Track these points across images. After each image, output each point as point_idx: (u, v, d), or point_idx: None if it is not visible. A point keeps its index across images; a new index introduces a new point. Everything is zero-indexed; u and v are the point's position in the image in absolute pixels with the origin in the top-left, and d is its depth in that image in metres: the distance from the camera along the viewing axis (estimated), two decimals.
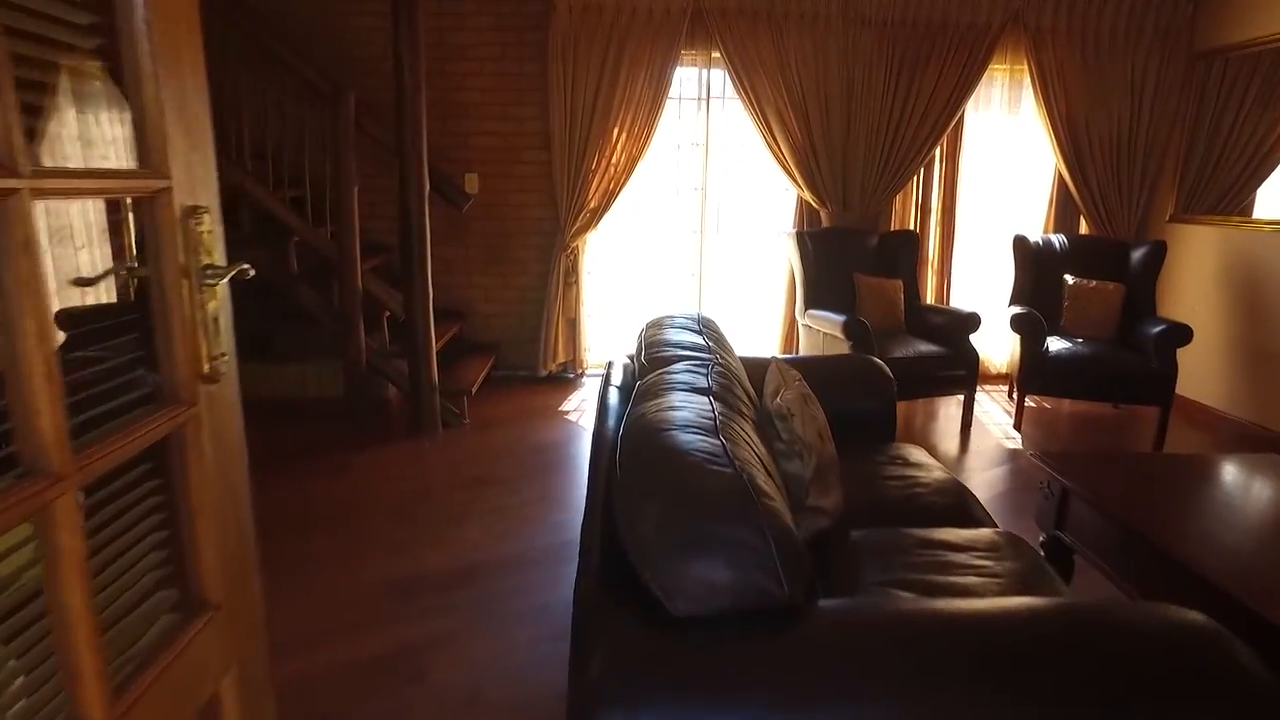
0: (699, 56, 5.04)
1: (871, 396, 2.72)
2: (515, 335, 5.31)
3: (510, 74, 5.00)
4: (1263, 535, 2.17)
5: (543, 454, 3.96)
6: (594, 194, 4.99)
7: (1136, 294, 4.69)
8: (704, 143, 5.15)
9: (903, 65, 4.89)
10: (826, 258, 4.81)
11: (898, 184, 5.07)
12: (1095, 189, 5.14)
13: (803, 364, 2.81)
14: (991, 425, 4.63)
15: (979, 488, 3.70)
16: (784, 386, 1.95)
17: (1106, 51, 4.97)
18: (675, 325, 2.41)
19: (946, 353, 4.37)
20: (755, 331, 5.53)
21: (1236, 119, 4.83)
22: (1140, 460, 2.65)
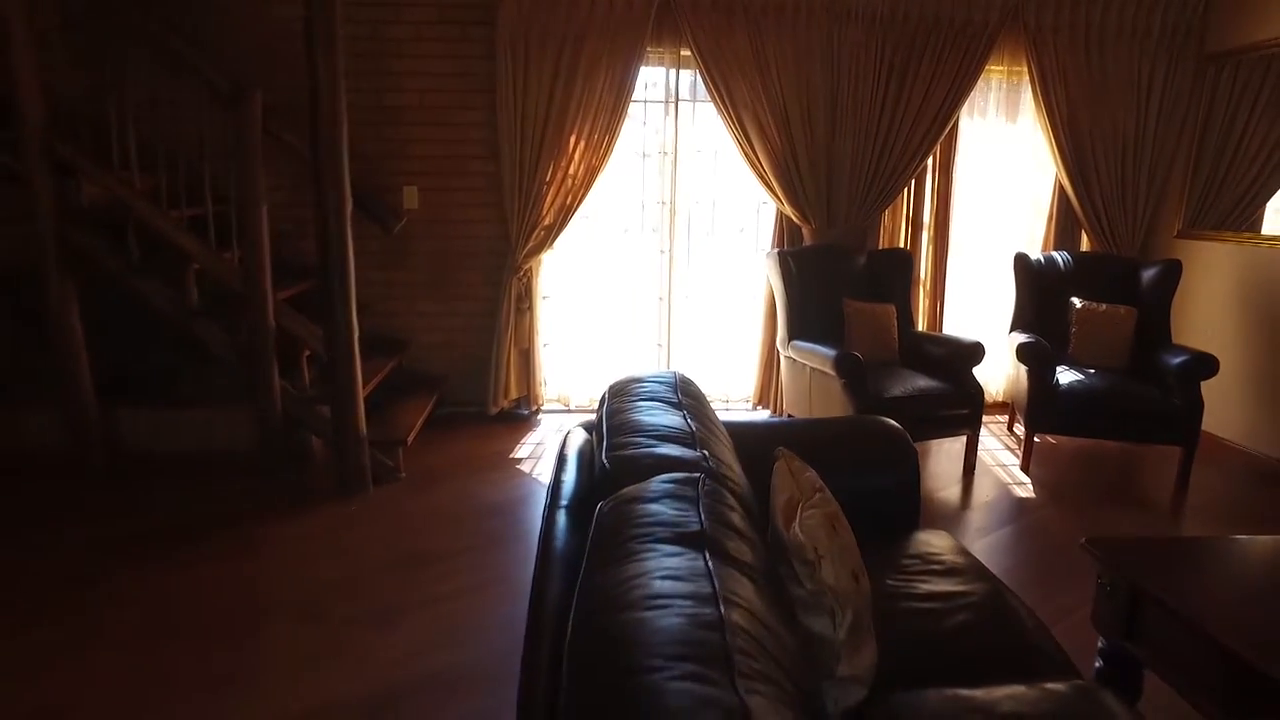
0: (667, 55, 4.50)
1: (888, 472, 2.19)
2: (462, 368, 4.71)
3: (454, 74, 4.42)
4: None
5: (490, 519, 3.38)
6: (549, 209, 4.43)
7: (1150, 318, 4.25)
8: (672, 152, 4.61)
9: (893, 66, 4.40)
10: (811, 280, 4.30)
11: (887, 197, 4.58)
12: (1099, 201, 4.70)
13: (802, 432, 2.28)
14: (996, 468, 4.15)
15: (994, 552, 3.20)
16: (800, 499, 1.41)
17: (1111, 52, 4.53)
18: (646, 395, 1.86)
19: (948, 389, 3.88)
20: (731, 364, 5.00)
21: (1247, 126, 4.44)
22: (1224, 549, 2.17)
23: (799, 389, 4.17)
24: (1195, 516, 3.66)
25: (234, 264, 3.45)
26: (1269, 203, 4.44)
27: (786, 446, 2.20)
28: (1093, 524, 3.49)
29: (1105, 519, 3.54)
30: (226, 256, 3.48)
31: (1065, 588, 2.91)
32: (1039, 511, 3.61)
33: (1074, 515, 3.58)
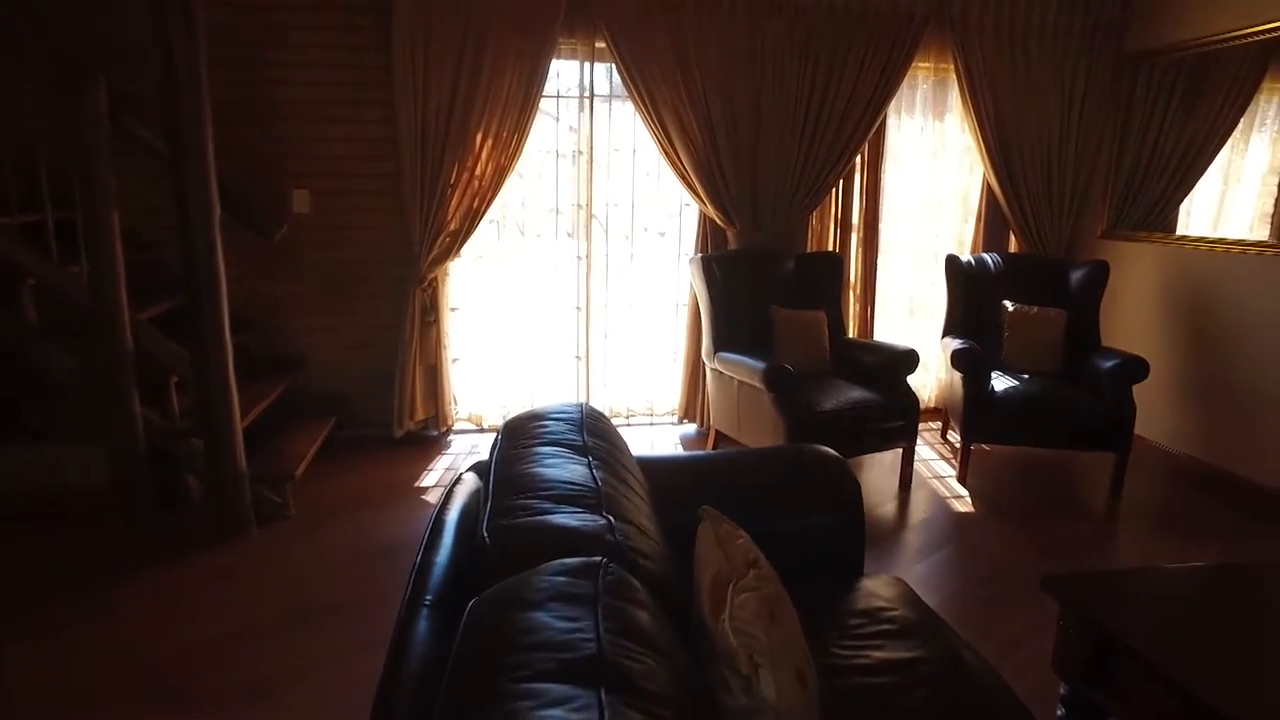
0: (580, 48, 4.20)
1: (829, 509, 1.94)
2: (364, 387, 4.31)
3: (346, 65, 4.02)
4: None
5: (390, 560, 3.01)
6: (454, 213, 4.07)
7: (1080, 321, 4.17)
8: (588, 151, 4.31)
9: (818, 61, 4.19)
10: (737, 286, 4.06)
11: (815, 197, 4.38)
12: (1026, 201, 4.61)
13: (730, 467, 2.01)
14: (933, 480, 3.99)
15: (936, 577, 3.01)
16: (731, 576, 1.14)
17: (1035, 50, 4.44)
18: (546, 438, 1.56)
19: (883, 400, 3.68)
20: (656, 376, 4.73)
21: (1163, 128, 4.42)
22: (1188, 581, 2.00)
23: (727, 402, 3.93)
24: (1132, 525, 3.56)
25: (82, 279, 3.00)
26: (1182, 205, 4.43)
27: (713, 483, 1.94)
28: (1033, 539, 3.34)
29: (1046, 533, 3.40)
30: (74, 271, 3.02)
31: (1012, 613, 2.74)
32: (979, 528, 3.45)
33: (1014, 530, 3.43)
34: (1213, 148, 4.25)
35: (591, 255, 4.41)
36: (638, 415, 4.74)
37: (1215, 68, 4.17)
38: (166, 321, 3.27)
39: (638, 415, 4.74)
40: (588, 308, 4.47)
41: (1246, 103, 4.11)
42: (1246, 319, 3.92)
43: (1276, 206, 4.05)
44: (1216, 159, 4.25)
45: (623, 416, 4.70)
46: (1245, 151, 4.20)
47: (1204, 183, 4.34)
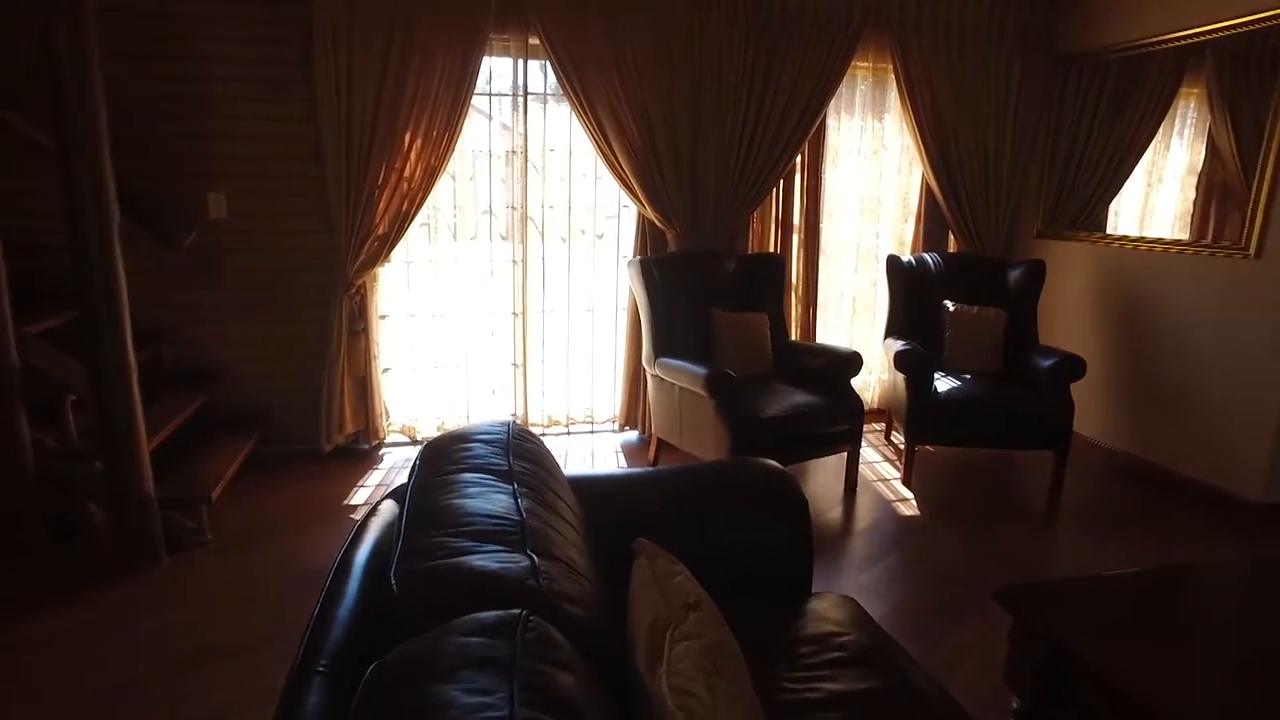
0: (514, 44, 4.05)
1: (776, 526, 1.84)
2: (289, 400, 4.08)
3: (265, 60, 3.79)
4: None
5: (315, 588, 2.81)
6: (383, 216, 3.88)
7: (1018, 320, 4.19)
8: (522, 151, 4.16)
9: (757, 60, 4.12)
10: (677, 290, 3.96)
11: (756, 198, 4.31)
12: (964, 201, 4.62)
13: (670, 484, 1.90)
14: (878, 483, 3.95)
15: (884, 585, 2.96)
16: (670, 621, 1.02)
17: (971, 50, 4.45)
18: (469, 462, 1.42)
19: (827, 404, 3.62)
20: (595, 383, 4.60)
21: (1092, 129, 4.48)
22: (1142, 587, 1.96)
23: (668, 410, 3.83)
24: (1073, 524, 3.57)
25: None
26: (1111, 205, 4.51)
27: (652, 503, 1.83)
28: (978, 542, 3.31)
29: (990, 535, 3.38)
30: None
31: (959, 621, 2.69)
32: (924, 532, 3.41)
33: (958, 533, 3.40)
34: (1138, 149, 4.33)
35: (527, 259, 4.26)
36: (578, 423, 4.60)
37: (1139, 72, 4.24)
38: (62, 335, 3.01)
39: (578, 423, 4.60)
40: (524, 313, 4.31)
41: (1167, 107, 4.19)
42: (1173, 316, 3.99)
43: (1195, 207, 4.16)
44: (1141, 160, 4.33)
45: (562, 425, 4.57)
46: (1166, 154, 4.30)
47: (1130, 183, 4.42)
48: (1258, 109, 3.65)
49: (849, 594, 2.83)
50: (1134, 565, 3.08)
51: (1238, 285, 3.67)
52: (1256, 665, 1.69)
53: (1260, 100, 3.63)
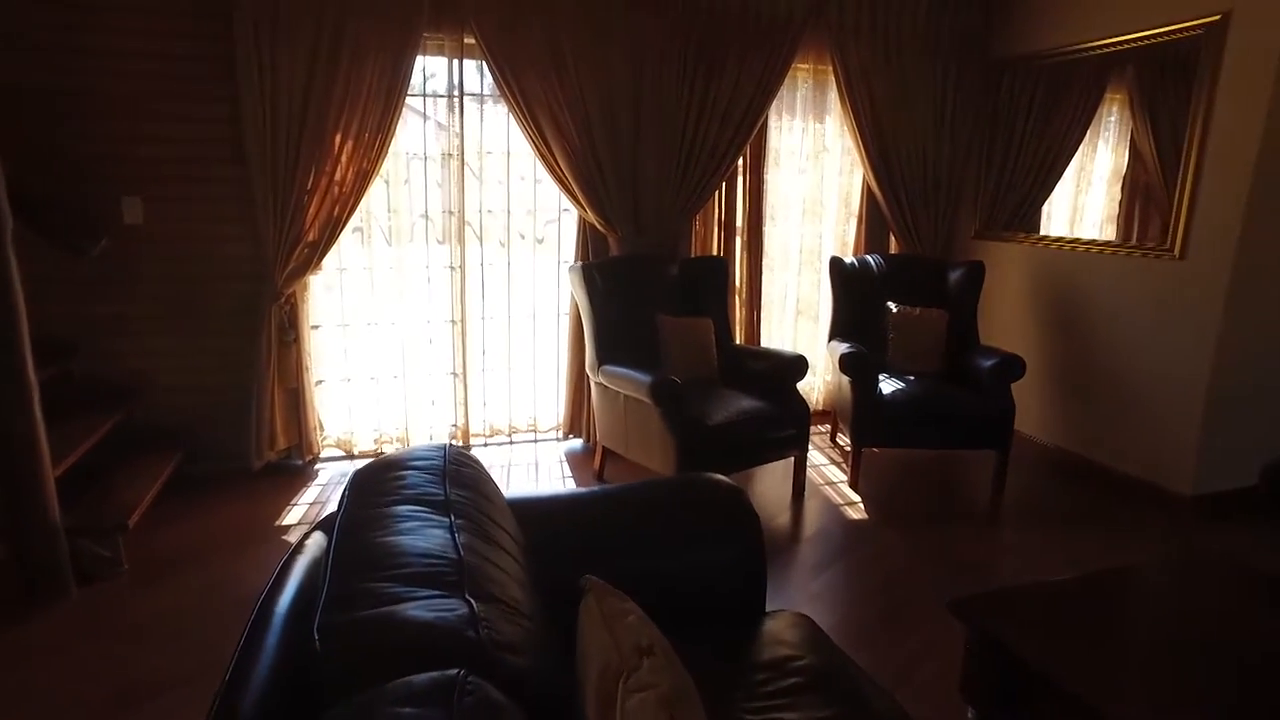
0: (448, 43, 3.92)
1: (727, 545, 1.79)
2: (216, 416, 3.88)
3: (185, 56, 3.59)
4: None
5: (245, 617, 2.66)
6: (313, 222, 3.72)
7: (959, 320, 4.23)
8: (458, 154, 4.03)
9: (699, 61, 4.07)
10: (620, 295, 3.88)
11: (698, 201, 4.27)
12: (905, 202, 4.65)
13: (618, 504, 1.83)
14: (825, 486, 3.95)
15: (834, 592, 2.94)
16: (622, 669, 0.95)
17: (909, 54, 4.48)
18: (402, 494, 1.32)
19: (774, 409, 3.59)
20: (538, 391, 4.50)
21: (1026, 132, 4.57)
22: (1094, 592, 1.96)
23: (613, 418, 3.76)
24: (1016, 523, 3.61)
25: None
26: (1044, 206, 4.60)
27: (598, 526, 1.75)
28: (925, 545, 3.33)
29: (936, 537, 3.40)
30: None
31: (911, 628, 2.68)
32: (873, 536, 3.41)
33: (906, 536, 3.41)
34: (1068, 152, 4.42)
35: (465, 265, 4.13)
36: (521, 433, 4.50)
37: (1067, 77, 4.33)
38: None
39: (521, 433, 4.50)
40: (463, 321, 4.19)
41: (1093, 112, 4.30)
42: (1106, 316, 4.08)
43: (1121, 209, 4.28)
44: (1071, 163, 4.43)
45: (504, 435, 4.46)
46: (1094, 157, 4.41)
47: (1061, 185, 4.52)
48: (1174, 116, 3.77)
49: (800, 604, 2.83)
50: (1076, 563, 3.14)
51: (1165, 285, 3.77)
52: (1204, 665, 1.70)
53: (1177, 107, 3.75)
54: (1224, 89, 3.49)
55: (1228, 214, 3.50)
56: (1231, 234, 3.49)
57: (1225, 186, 3.50)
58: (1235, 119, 3.45)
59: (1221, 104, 3.50)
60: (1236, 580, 2.07)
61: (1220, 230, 3.53)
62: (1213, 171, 3.55)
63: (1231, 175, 3.47)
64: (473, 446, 4.35)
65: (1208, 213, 3.58)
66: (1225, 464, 3.69)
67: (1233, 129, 3.46)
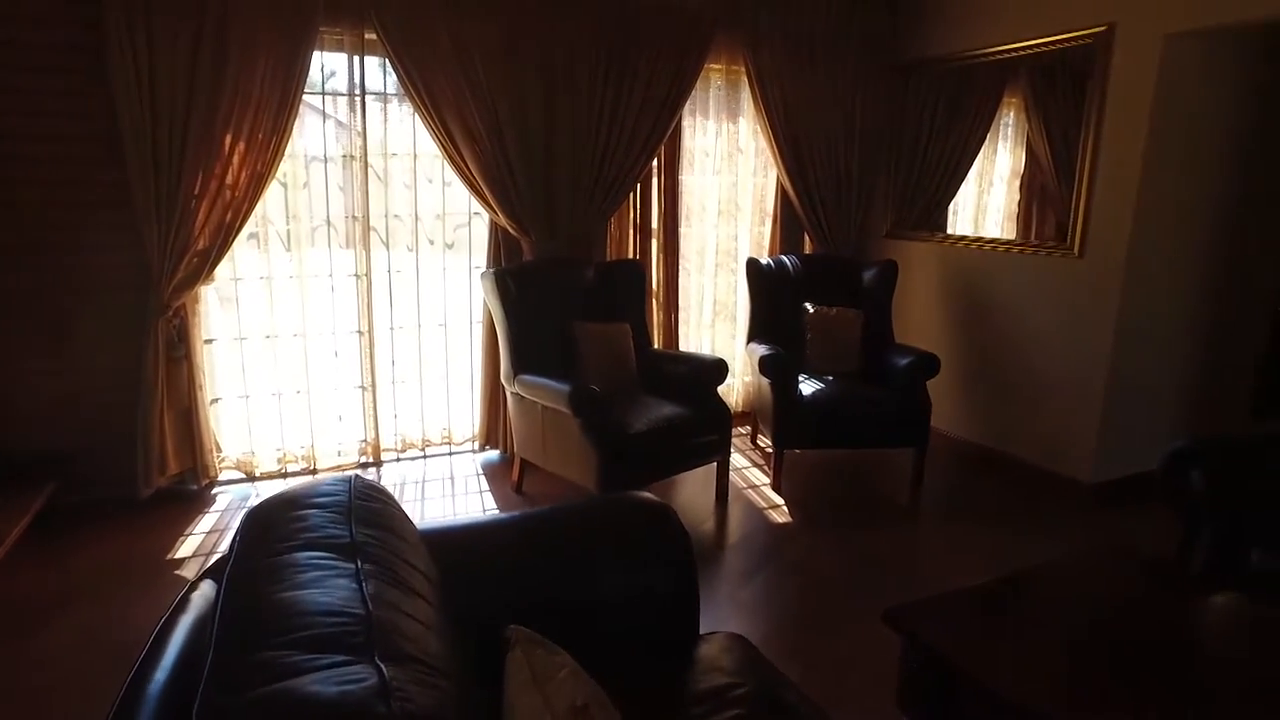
0: (347, 38, 3.71)
1: (657, 568, 1.71)
2: (97, 441, 3.56)
3: (51, 46, 3.27)
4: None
5: (128, 668, 2.43)
6: (203, 228, 3.47)
7: (874, 320, 4.28)
8: (361, 155, 3.83)
9: (611, 60, 3.98)
10: (535, 301, 3.77)
11: (613, 202, 4.18)
12: (818, 202, 4.69)
13: (541, 530, 1.73)
14: (749, 490, 3.93)
15: (763, 602, 2.91)
16: None
17: (820, 55, 4.51)
18: (302, 538, 1.19)
19: (695, 414, 3.55)
20: (453, 402, 4.33)
21: (931, 134, 4.68)
22: (1030, 594, 1.97)
23: (531, 428, 3.64)
24: (936, 519, 3.68)
25: None
26: (950, 206, 4.73)
27: (520, 555, 1.65)
28: (850, 545, 3.34)
29: (860, 537, 3.42)
30: None
31: (840, 632, 2.67)
32: (797, 539, 3.40)
33: (831, 538, 3.41)
34: (970, 153, 4.55)
35: (372, 273, 3.93)
36: (435, 445, 4.32)
37: (968, 81, 4.46)
38: None
39: (435, 445, 4.32)
40: (371, 331, 3.99)
41: (993, 115, 4.44)
42: (1012, 312, 4.21)
43: (1019, 208, 4.44)
44: (975, 164, 4.56)
45: (418, 448, 4.27)
46: (994, 158, 4.55)
47: (966, 186, 4.65)
48: (1065, 120, 3.93)
49: (730, 614, 2.78)
50: (994, 556, 3.20)
51: (1066, 283, 3.91)
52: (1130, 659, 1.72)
53: (1068, 112, 3.90)
54: (1113, 96, 3.63)
55: (1120, 215, 3.64)
56: (1124, 233, 3.64)
57: (1117, 189, 3.65)
58: (1123, 125, 3.60)
59: (1111, 111, 3.65)
60: (1149, 573, 2.12)
61: (1114, 230, 3.67)
62: (1106, 174, 3.69)
63: (1122, 178, 3.62)
64: (384, 462, 4.15)
65: (1102, 213, 3.72)
66: (1120, 452, 3.86)
67: (1122, 134, 3.61)
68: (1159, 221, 3.67)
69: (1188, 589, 2.08)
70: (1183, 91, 3.55)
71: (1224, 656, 1.78)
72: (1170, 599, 2.00)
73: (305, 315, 3.86)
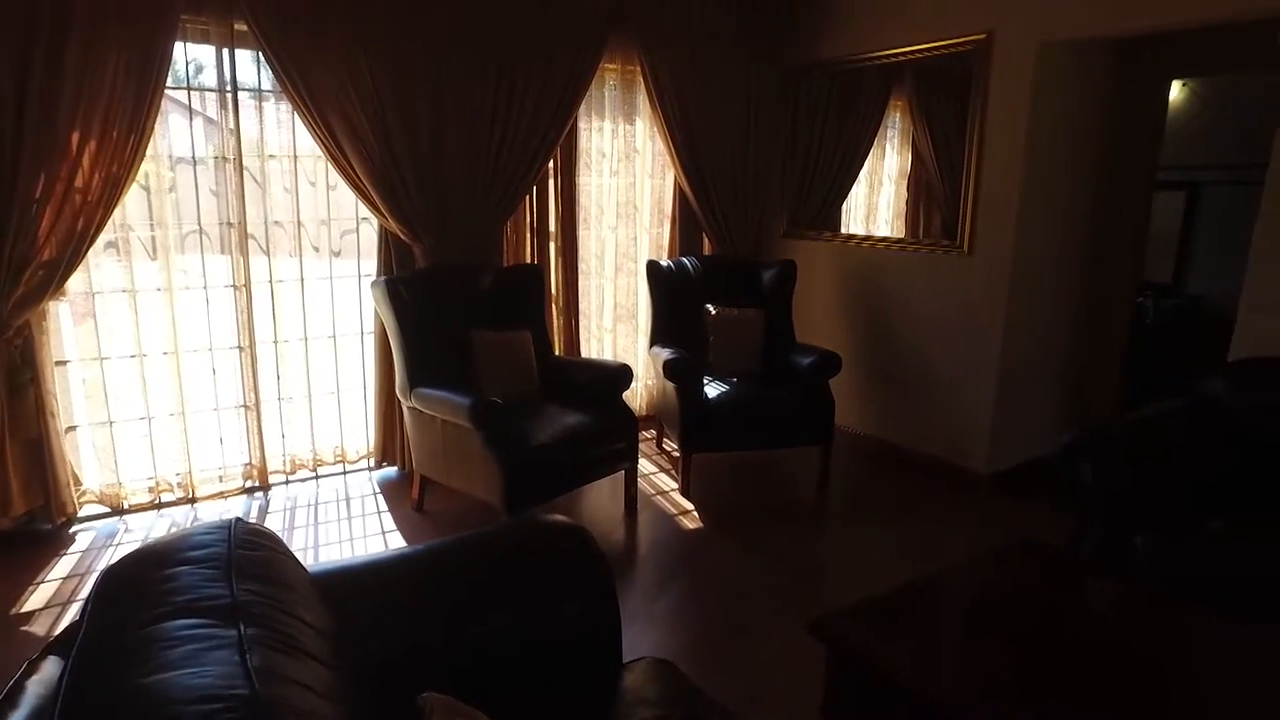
0: (214, 29, 3.42)
1: (575, 596, 1.61)
2: None
3: None
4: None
5: None
6: (48, 238, 3.12)
7: (775, 320, 4.30)
8: (235, 157, 3.55)
9: (503, 58, 3.83)
10: (430, 310, 3.58)
11: (509, 206, 4.04)
12: (716, 203, 4.68)
13: (448, 567, 1.60)
14: (657, 497, 3.87)
15: (679, 615, 2.85)
16: None
17: (714, 56, 4.49)
18: (176, 607, 1.03)
19: (600, 423, 3.46)
20: (345, 418, 4.09)
21: (823, 135, 4.76)
22: (951, 594, 1.98)
23: (430, 444, 3.46)
24: (843, 516, 3.71)
25: None
26: (843, 205, 4.82)
27: (424, 594, 1.53)
28: (761, 548, 3.32)
29: (770, 539, 3.41)
30: None
31: (759, 638, 2.64)
32: (710, 545, 3.36)
33: (742, 541, 3.39)
34: (861, 154, 4.65)
35: (251, 283, 3.65)
36: (327, 465, 4.07)
37: (857, 84, 4.55)
38: None
39: (327, 465, 4.07)
40: (252, 346, 3.70)
41: (880, 117, 4.55)
42: (906, 309, 4.32)
43: (907, 207, 4.57)
44: (865, 164, 4.66)
45: (309, 469, 4.01)
46: (883, 158, 4.67)
47: (857, 186, 4.75)
48: (947, 123, 4.06)
49: (646, 629, 2.71)
50: (902, 551, 3.26)
51: (956, 279, 4.03)
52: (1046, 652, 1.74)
53: (949, 115, 4.04)
54: (994, 101, 3.77)
55: (1005, 214, 3.79)
56: (1009, 232, 3.78)
57: (1001, 188, 3.79)
58: (1005, 128, 3.74)
59: (993, 114, 3.78)
60: (1053, 567, 2.18)
61: (1000, 229, 3.81)
62: (990, 174, 3.83)
63: (1005, 178, 3.76)
64: (272, 485, 3.87)
65: (988, 212, 3.86)
66: (1011, 442, 4.02)
67: (1003, 137, 3.75)
68: (1040, 220, 3.83)
69: (1088, 581, 2.15)
70: (1056, 97, 3.72)
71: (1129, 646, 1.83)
72: (1074, 591, 2.05)
73: (177, 331, 3.54)
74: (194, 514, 3.60)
